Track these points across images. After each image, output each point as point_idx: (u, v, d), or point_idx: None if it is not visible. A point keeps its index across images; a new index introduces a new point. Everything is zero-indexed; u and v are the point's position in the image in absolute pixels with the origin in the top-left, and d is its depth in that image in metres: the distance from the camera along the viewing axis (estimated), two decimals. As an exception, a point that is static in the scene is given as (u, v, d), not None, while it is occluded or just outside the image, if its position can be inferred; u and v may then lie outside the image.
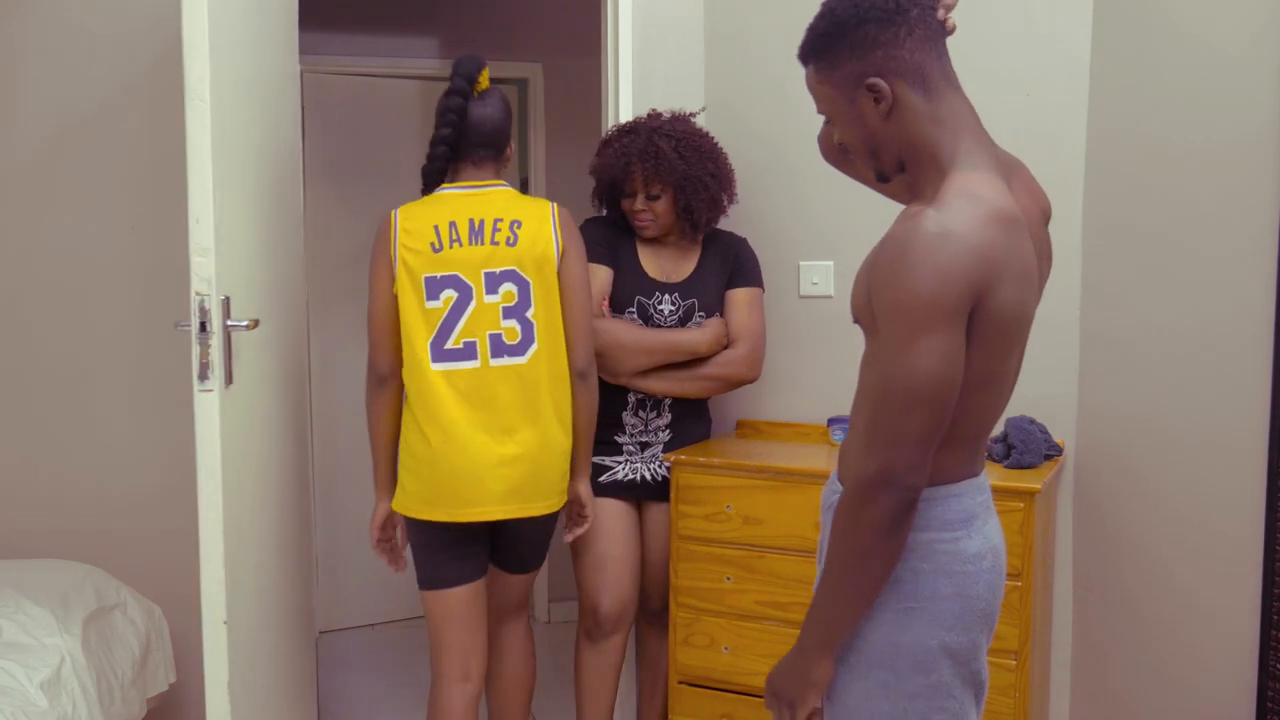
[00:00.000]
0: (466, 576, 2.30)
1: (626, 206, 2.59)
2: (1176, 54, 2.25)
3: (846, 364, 1.92)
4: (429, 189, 2.31)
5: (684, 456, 2.52)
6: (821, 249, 2.80)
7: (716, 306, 2.62)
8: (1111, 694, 2.47)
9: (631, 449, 2.62)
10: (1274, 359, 2.03)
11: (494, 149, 2.30)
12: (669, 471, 2.55)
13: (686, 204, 2.53)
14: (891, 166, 1.49)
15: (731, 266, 2.65)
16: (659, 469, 2.62)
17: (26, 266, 2.83)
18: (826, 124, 1.79)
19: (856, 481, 1.37)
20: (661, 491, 2.60)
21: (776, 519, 2.40)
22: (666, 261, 2.64)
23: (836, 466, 1.59)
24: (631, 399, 2.60)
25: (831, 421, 2.68)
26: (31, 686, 2.11)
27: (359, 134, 4.00)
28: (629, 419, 2.61)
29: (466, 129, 2.25)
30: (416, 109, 4.09)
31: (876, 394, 1.37)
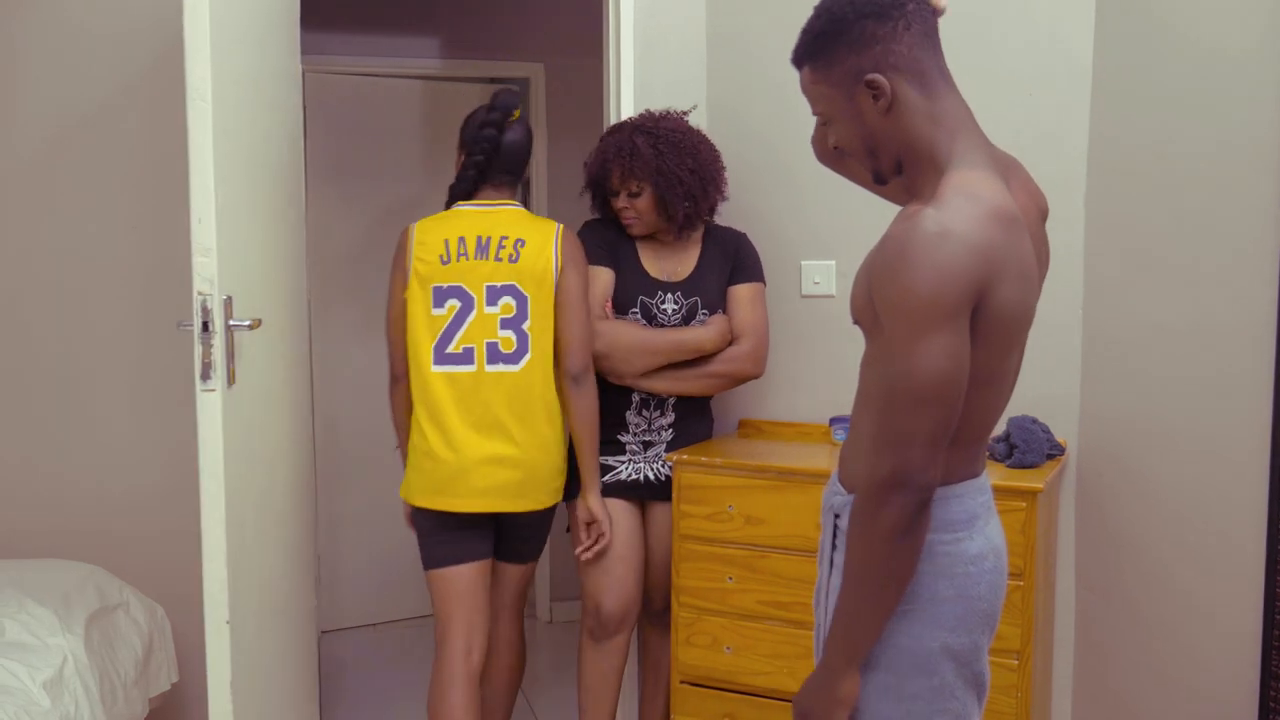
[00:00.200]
0: (464, 557, 2.45)
1: (614, 205, 2.59)
2: (1178, 54, 2.25)
3: (848, 364, 1.92)
4: (450, 204, 2.51)
5: (686, 456, 2.52)
6: (823, 248, 2.80)
7: (719, 303, 2.62)
8: (1113, 694, 2.47)
9: (635, 448, 2.61)
10: (1276, 359, 2.03)
11: (515, 175, 2.51)
12: (672, 471, 2.55)
13: (663, 199, 2.53)
14: (889, 166, 1.48)
15: (732, 262, 2.65)
16: (662, 469, 2.61)
17: (26, 266, 2.83)
18: (820, 125, 1.79)
19: (868, 485, 1.36)
20: (665, 491, 2.60)
21: (778, 519, 2.41)
22: (667, 261, 2.63)
23: (837, 468, 1.59)
24: (635, 398, 2.60)
25: (833, 421, 2.68)
26: (34, 686, 2.11)
27: (361, 134, 4.00)
28: (633, 418, 2.61)
29: (495, 156, 2.45)
30: (418, 109, 4.08)
31: (883, 395, 1.36)
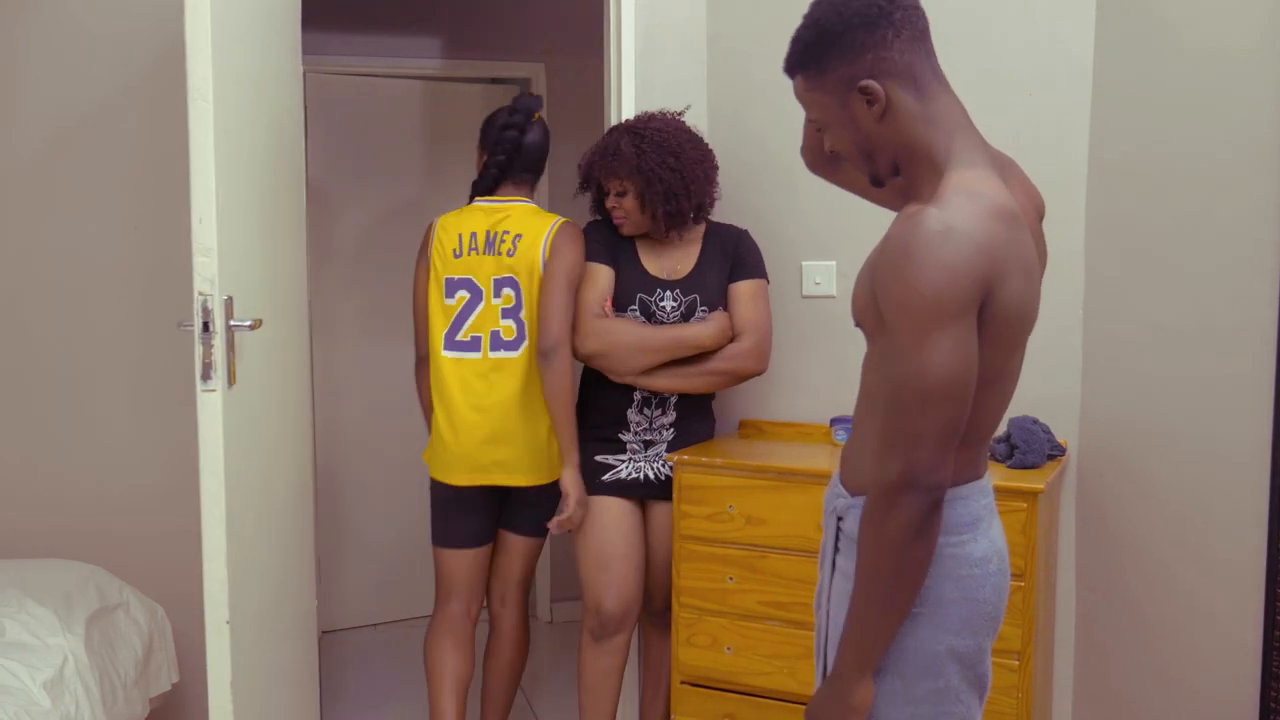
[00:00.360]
0: (467, 542, 2.67)
1: (606, 205, 2.60)
2: (1178, 55, 2.25)
3: (849, 364, 1.92)
4: (472, 199, 2.66)
5: (686, 457, 2.51)
6: (824, 249, 2.80)
7: (719, 301, 2.61)
8: (1114, 694, 2.47)
9: (636, 447, 2.61)
10: (1277, 359, 2.02)
11: (535, 173, 2.67)
12: (673, 471, 2.54)
13: (643, 197, 2.53)
14: (887, 169, 1.48)
15: (732, 260, 2.64)
16: (663, 468, 2.61)
17: (26, 266, 2.83)
18: (808, 134, 1.78)
19: (878, 488, 1.34)
20: (665, 491, 2.60)
21: (779, 519, 2.40)
22: (666, 259, 2.63)
23: (839, 469, 1.58)
24: (637, 396, 2.59)
25: (834, 421, 2.68)
26: (34, 686, 2.11)
27: (362, 134, 4.00)
28: (634, 416, 2.60)
29: (517, 155, 2.60)
30: (418, 109, 4.08)
31: (890, 396, 1.35)
